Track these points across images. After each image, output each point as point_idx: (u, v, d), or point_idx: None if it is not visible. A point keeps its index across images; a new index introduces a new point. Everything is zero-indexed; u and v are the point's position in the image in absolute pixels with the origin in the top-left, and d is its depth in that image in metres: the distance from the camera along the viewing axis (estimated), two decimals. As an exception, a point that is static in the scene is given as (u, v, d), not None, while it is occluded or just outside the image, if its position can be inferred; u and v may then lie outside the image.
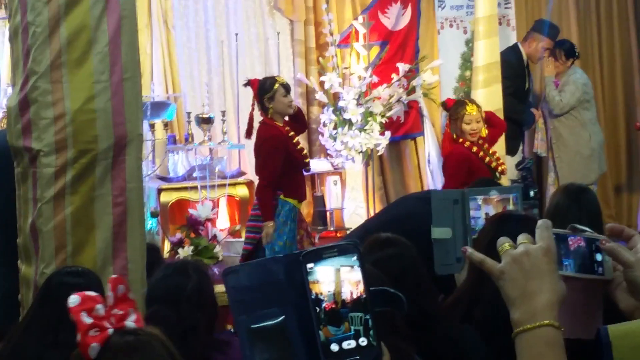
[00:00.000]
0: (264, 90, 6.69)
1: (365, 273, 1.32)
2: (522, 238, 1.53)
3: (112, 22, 3.86)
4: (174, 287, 3.39)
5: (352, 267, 1.30)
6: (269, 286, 1.31)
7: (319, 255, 1.29)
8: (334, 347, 1.27)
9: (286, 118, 6.73)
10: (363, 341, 1.29)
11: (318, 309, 1.28)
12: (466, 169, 6.93)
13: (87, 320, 1.94)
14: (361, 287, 1.30)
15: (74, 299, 1.94)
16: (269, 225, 6.57)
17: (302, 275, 1.28)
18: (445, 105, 7.71)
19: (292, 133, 6.68)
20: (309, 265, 1.28)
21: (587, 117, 9.16)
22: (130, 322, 2.03)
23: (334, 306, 1.28)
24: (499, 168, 7.19)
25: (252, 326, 1.31)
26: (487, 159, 7.08)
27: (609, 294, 1.60)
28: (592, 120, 9.24)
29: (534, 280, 1.48)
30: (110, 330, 1.96)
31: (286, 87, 6.75)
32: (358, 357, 1.29)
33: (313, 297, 1.27)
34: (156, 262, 4.56)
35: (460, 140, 7.08)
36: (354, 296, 1.30)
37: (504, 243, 1.54)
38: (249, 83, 6.92)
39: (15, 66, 3.98)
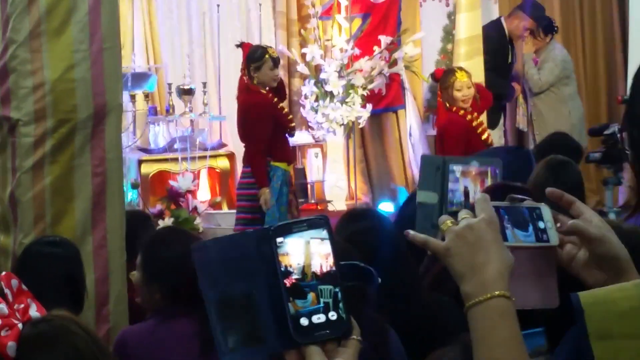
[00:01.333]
0: (253, 58, 6.66)
1: (335, 246, 1.33)
2: (463, 214, 1.52)
3: (92, -9, 3.85)
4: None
5: (322, 239, 1.31)
6: (239, 261, 1.31)
7: (289, 229, 1.30)
8: (304, 322, 1.27)
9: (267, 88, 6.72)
10: (333, 315, 1.29)
11: (287, 284, 1.28)
12: (466, 138, 6.95)
13: None
14: (331, 259, 1.31)
15: None
16: (266, 191, 6.62)
17: (272, 249, 1.29)
18: (434, 76, 7.69)
19: (275, 99, 6.69)
20: (279, 240, 1.29)
21: (567, 93, 9.19)
22: (35, 312, 2.07)
23: (294, 280, 1.28)
24: (489, 140, 7.23)
25: (222, 301, 1.31)
26: (479, 129, 7.11)
27: (567, 270, 1.59)
28: (571, 95, 9.26)
29: (481, 252, 1.47)
30: (20, 325, 2.00)
31: (275, 61, 6.73)
32: (328, 331, 1.29)
33: (282, 269, 1.28)
34: (146, 229, 4.52)
35: (454, 109, 7.08)
36: (324, 269, 1.30)
37: (445, 221, 1.53)
38: (242, 45, 6.92)
39: (-6, 35, 3.96)
